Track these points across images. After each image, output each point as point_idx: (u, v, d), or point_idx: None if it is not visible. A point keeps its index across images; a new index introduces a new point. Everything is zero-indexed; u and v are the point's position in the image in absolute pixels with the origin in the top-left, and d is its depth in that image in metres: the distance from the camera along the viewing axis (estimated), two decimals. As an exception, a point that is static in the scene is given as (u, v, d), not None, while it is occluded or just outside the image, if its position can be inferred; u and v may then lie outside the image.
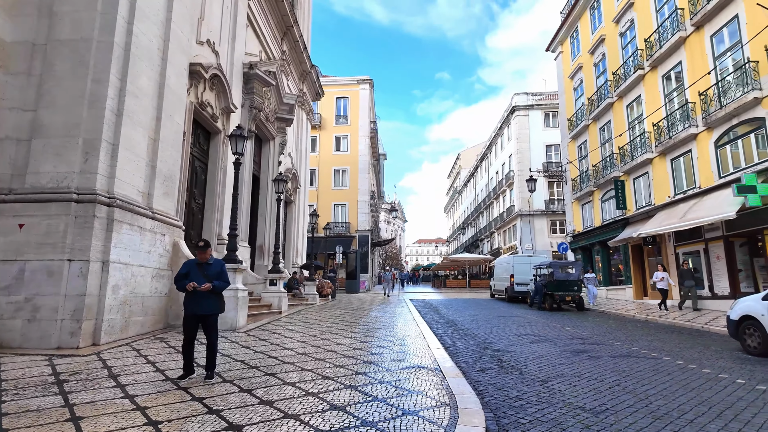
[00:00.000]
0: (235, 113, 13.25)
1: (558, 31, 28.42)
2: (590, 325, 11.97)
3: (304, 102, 23.01)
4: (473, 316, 14.36)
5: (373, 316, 13.10)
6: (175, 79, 9.59)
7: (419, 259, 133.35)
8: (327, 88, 38.03)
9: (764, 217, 12.89)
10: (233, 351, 6.79)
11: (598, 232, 23.25)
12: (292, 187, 20.81)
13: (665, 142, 17.26)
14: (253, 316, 10.28)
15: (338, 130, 37.96)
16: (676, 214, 15.74)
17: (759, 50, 12.91)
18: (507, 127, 42.00)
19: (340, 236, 35.22)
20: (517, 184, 38.04)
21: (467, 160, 67.43)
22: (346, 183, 36.97)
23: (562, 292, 17.45)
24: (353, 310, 15.31)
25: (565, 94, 28.08)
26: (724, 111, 14.07)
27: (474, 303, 20.96)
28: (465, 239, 60.48)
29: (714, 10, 14.81)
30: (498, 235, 44.75)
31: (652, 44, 18.34)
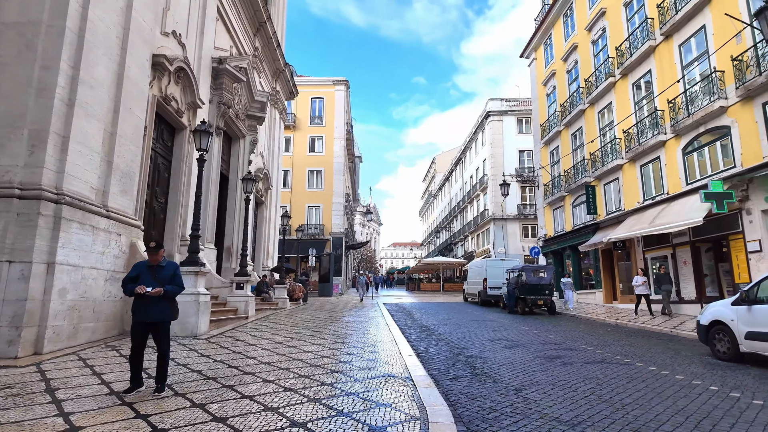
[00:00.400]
0: (203, 109, 12.70)
1: (532, 38, 28.77)
2: (562, 330, 11.94)
3: (277, 101, 22.49)
4: (446, 321, 14.18)
5: (345, 321, 12.74)
6: (136, 71, 9.04)
7: (394, 262, 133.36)
8: (302, 89, 37.50)
9: (729, 224, 13.20)
10: (191, 360, 6.34)
11: (569, 237, 23.53)
12: (264, 187, 20.25)
13: (635, 149, 17.56)
14: (217, 321, 9.77)
15: (313, 131, 37.45)
16: (645, 219, 15.99)
17: (725, 60, 13.24)
18: (481, 132, 42.35)
19: (313, 239, 34.67)
20: (491, 189, 38.33)
21: (442, 164, 67.79)
22: (320, 185, 36.47)
23: (534, 295, 17.51)
24: (325, 314, 14.91)
25: (539, 100, 28.43)
26: (691, 119, 14.37)
27: (447, 307, 20.84)
28: (439, 243, 60.70)
29: (682, 20, 15.15)
30: (471, 239, 45.02)
31: (623, 52, 18.68)
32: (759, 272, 12.16)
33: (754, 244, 12.30)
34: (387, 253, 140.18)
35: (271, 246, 21.29)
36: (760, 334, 6.76)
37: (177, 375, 5.41)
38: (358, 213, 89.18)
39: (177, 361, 6.21)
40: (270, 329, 9.97)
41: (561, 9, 24.93)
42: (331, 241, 34.63)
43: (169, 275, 4.87)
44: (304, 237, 34.64)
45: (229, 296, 11.75)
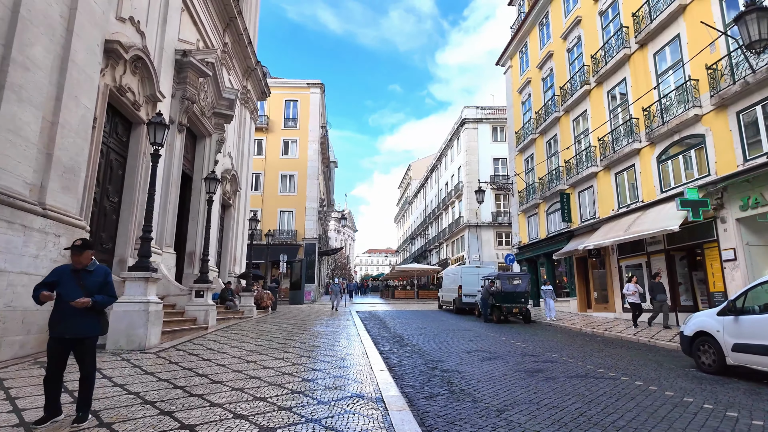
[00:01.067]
0: (163, 103, 11.85)
1: (508, 46, 28.84)
2: (540, 340, 11.54)
3: (248, 100, 21.66)
4: (421, 330, 13.62)
5: (314, 331, 12.01)
6: (85, 55, 8.20)
7: (368, 269, 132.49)
8: (276, 90, 36.65)
9: (704, 232, 13.16)
10: (131, 379, 5.54)
11: (544, 244, 23.44)
12: (232, 189, 19.34)
13: (610, 157, 17.54)
14: (171, 333, 8.92)
15: (287, 134, 36.58)
16: (620, 227, 15.90)
17: (700, 69, 13.26)
18: (457, 139, 42.34)
19: (285, 244, 33.68)
20: (466, 196, 38.24)
21: (418, 170, 67.71)
22: (293, 189, 35.56)
23: (509, 303, 17.16)
24: (293, 324, 14.13)
25: (514, 108, 28.46)
26: (666, 127, 14.36)
27: (422, 315, 20.31)
28: (414, 249, 60.37)
29: (657, 29, 15.21)
30: (446, 246, 44.81)
31: (598, 60, 18.73)
32: (734, 281, 12.11)
33: (728, 252, 12.25)
34: (362, 260, 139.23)
35: (239, 251, 20.33)
36: (749, 346, 6.45)
37: (109, 398, 4.63)
38: (333, 219, 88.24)
39: (114, 380, 5.41)
40: (230, 341, 9.17)
41: (537, 17, 25.03)
42: (304, 247, 33.72)
43: (99, 282, 4.11)
44: (276, 242, 33.61)
45: (188, 305, 10.87)
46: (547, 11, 24.00)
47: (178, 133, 13.14)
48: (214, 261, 16.85)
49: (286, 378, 5.85)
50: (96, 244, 9.80)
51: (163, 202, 12.34)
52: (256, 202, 34.60)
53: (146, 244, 8.04)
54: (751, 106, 11.75)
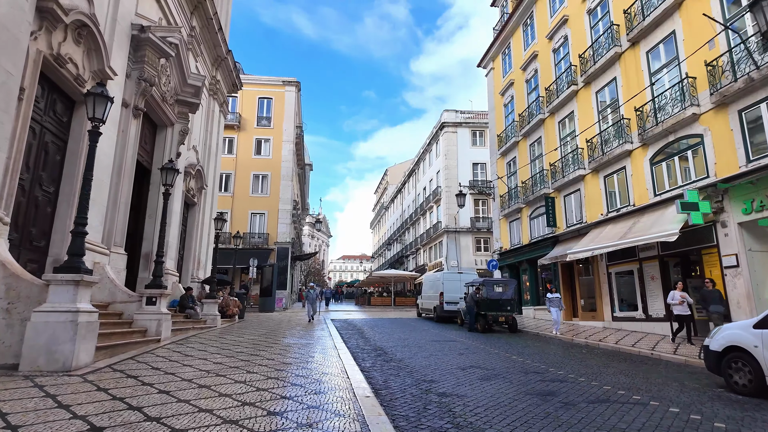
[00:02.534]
0: (115, 81, 10.34)
1: (490, 48, 28.23)
2: (535, 353, 10.52)
3: (217, 92, 20.13)
4: (404, 341, 12.42)
5: (285, 343, 10.64)
6: (7, 9, 6.73)
7: (343, 275, 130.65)
8: (249, 87, 35.09)
9: (702, 237, 12.48)
10: (33, 416, 4.12)
11: (527, 250, 22.68)
12: (196, 186, 17.75)
13: (598, 159, 16.87)
14: (110, 348, 7.41)
15: (260, 133, 34.94)
16: (612, 232, 15.17)
17: (697, 66, 12.66)
18: (436, 143, 41.58)
19: (256, 248, 31.97)
20: (445, 201, 37.42)
21: (395, 175, 66.79)
22: (266, 190, 33.90)
23: (495, 312, 16.20)
24: (262, 335, 12.70)
25: (496, 110, 27.80)
26: (661, 127, 13.72)
27: (402, 323, 19.11)
28: (390, 255, 59.23)
29: (650, 26, 14.63)
30: (424, 252, 43.84)
31: (587, 60, 18.13)
32: (735, 289, 11.43)
33: (730, 258, 11.57)
34: (336, 266, 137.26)
35: (204, 254, 18.68)
36: (797, 364, 5.52)
37: (-14, 452, 3.24)
38: (307, 224, 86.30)
39: (9, 418, 3.99)
40: (184, 357, 7.74)
41: (521, 18, 24.46)
42: (276, 251, 32.06)
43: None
44: (246, 246, 31.89)
45: (138, 313, 9.34)
46: (532, 11, 23.44)
47: (133, 118, 11.61)
48: (174, 264, 15.24)
49: (247, 410, 4.54)
50: (24, 241, 8.23)
51: (113, 194, 10.79)
52: (225, 203, 32.80)
53: (79, 240, 6.58)
54: (755, 104, 11.14)
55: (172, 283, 14.54)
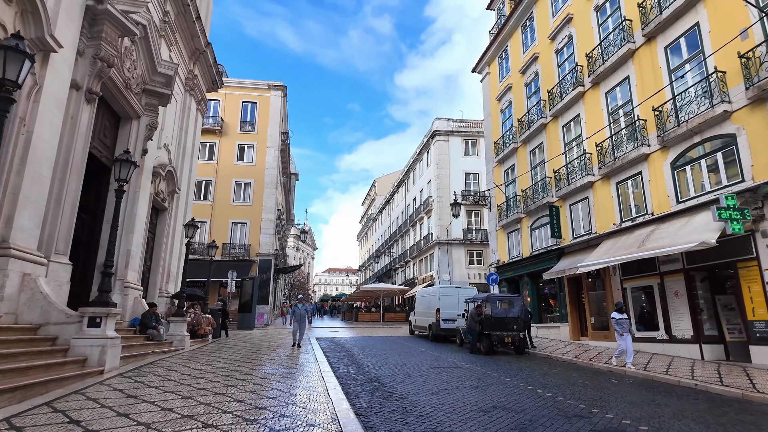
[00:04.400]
0: (62, 57, 8.61)
1: (486, 51, 27.09)
2: (559, 383, 8.89)
3: (195, 87, 18.41)
4: (402, 368, 10.69)
5: (261, 374, 8.83)
6: None
7: (328, 288, 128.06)
8: (232, 91, 33.54)
9: (736, 248, 11.09)
10: None
11: (527, 263, 21.19)
12: (168, 189, 15.90)
13: (610, 164, 15.55)
14: (23, 390, 5.54)
15: (243, 138, 33.18)
16: (629, 242, 13.75)
17: (727, 59, 11.43)
18: (427, 152, 40.27)
19: (237, 260, 29.97)
20: (436, 211, 35.97)
21: (383, 186, 65.32)
22: (248, 198, 32.02)
23: (500, 331, 14.56)
24: (235, 360, 10.85)
25: (492, 117, 26.54)
26: (685, 127, 12.42)
27: (395, 344, 17.34)
28: (378, 268, 57.40)
29: (670, 19, 13.45)
30: (414, 265, 42.17)
31: (594, 59, 16.93)
32: (782, 307, 10.02)
33: (774, 272, 10.18)
34: (321, 279, 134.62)
35: (174, 265, 16.73)
36: None
37: None
38: (292, 236, 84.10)
39: None
40: (125, 400, 5.91)
41: (520, 19, 23.36)
42: (258, 264, 30.07)
43: None
44: (226, 258, 29.91)
45: (76, 338, 7.47)
46: (532, 12, 22.36)
47: (86, 104, 9.84)
48: (137, 276, 13.32)
49: None
50: None
51: (56, 192, 8.96)
52: (204, 211, 30.85)
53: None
54: (801, 97, 9.88)
55: (134, 298, 12.65)
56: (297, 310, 14.69)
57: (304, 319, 14.61)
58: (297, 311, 14.67)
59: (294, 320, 14.59)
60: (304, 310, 14.73)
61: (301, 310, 14.67)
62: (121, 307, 11.92)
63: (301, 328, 14.48)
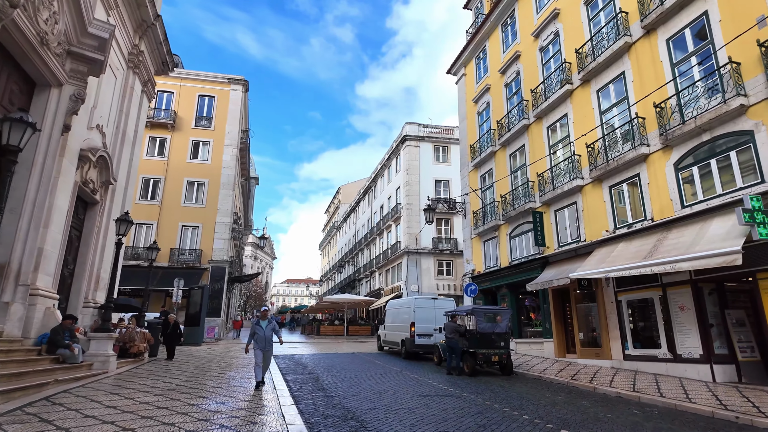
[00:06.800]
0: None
1: (462, 52, 25.92)
2: (579, 418, 7.20)
3: (140, 66, 15.93)
4: (381, 396, 8.73)
5: (201, 413, 6.65)
6: None
7: (287, 300, 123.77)
8: (188, 83, 30.90)
9: (755, 257, 9.90)
10: None
11: (506, 273, 19.77)
12: (100, 180, 13.35)
13: (603, 166, 14.37)
14: None
15: (198, 134, 30.45)
16: (628, 251, 12.47)
17: (742, 50, 10.39)
18: (396, 157, 38.74)
19: (186, 267, 27.08)
20: (405, 219, 34.35)
21: (348, 194, 63.28)
22: (202, 200, 29.23)
23: (487, 349, 12.91)
24: (170, 391, 8.56)
25: (468, 119, 25.28)
26: (693, 124, 11.31)
27: (364, 362, 15.32)
28: (341, 278, 55.05)
29: (673, 9, 12.44)
30: (380, 275, 40.25)
31: (585, 55, 15.86)
32: (814, 324, 8.83)
33: (803, 284, 9.02)
34: (280, 290, 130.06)
35: (106, 270, 14.06)
36: None
37: None
38: (250, 243, 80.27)
39: None
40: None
41: (500, 16, 22.29)
42: (210, 271, 27.27)
43: None
44: (174, 264, 26.98)
45: None
46: (514, 9, 21.31)
47: (-25, 53, 7.46)
48: (52, 282, 10.72)
49: None
50: None
51: None
52: (151, 213, 27.86)
53: None
54: (834, 88, 8.85)
55: (44, 309, 10.09)
56: (259, 331, 9.37)
57: (270, 344, 9.52)
58: (259, 332, 9.36)
59: (255, 346, 9.33)
60: (270, 330, 9.52)
61: (265, 330, 9.42)
62: (25, 319, 9.42)
63: (266, 356, 9.46)
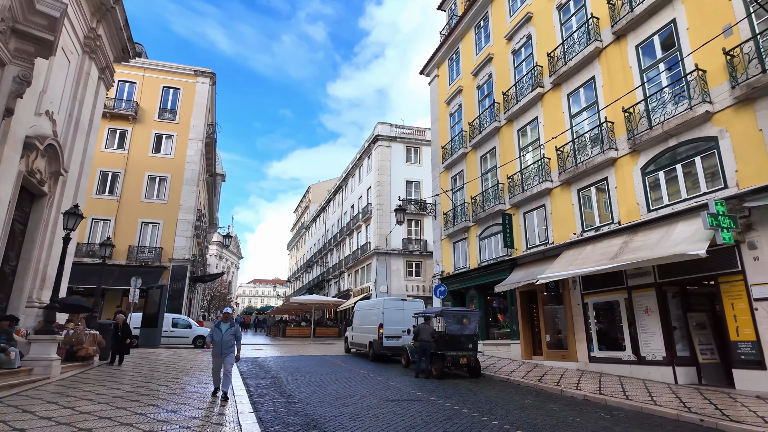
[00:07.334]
0: None
1: (435, 53, 25.85)
2: (549, 423, 7.05)
3: (97, 51, 14.99)
4: (347, 402, 8.36)
5: (149, 422, 6.11)
6: None
7: (253, 300, 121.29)
8: (152, 73, 29.68)
9: (717, 261, 10.08)
10: None
11: (475, 275, 19.75)
12: (48, 170, 12.42)
13: (571, 170, 14.48)
14: None
15: (161, 127, 29.22)
16: (596, 253, 12.55)
17: (710, 57, 10.60)
18: (368, 157, 38.41)
19: (145, 265, 25.88)
20: (376, 219, 34.06)
21: (318, 194, 62.45)
22: (164, 195, 28.03)
23: (455, 351, 12.74)
24: (117, 398, 7.92)
25: (440, 121, 25.22)
26: (660, 129, 11.48)
27: (331, 365, 14.89)
28: (309, 279, 54.23)
29: (642, 15, 12.62)
30: (349, 275, 39.78)
31: (557, 59, 15.98)
32: (772, 327, 9.04)
33: (763, 288, 9.22)
34: (246, 290, 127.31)
35: (54, 267, 13.08)
36: None
37: None
38: (215, 242, 78.15)
39: None
40: None
41: (474, 19, 22.32)
42: (171, 270, 26.15)
43: None
44: (133, 262, 25.75)
45: None
46: (487, 11, 21.36)
47: None
48: None
49: None
50: None
51: None
52: (109, 208, 26.52)
53: None
54: (795, 97, 9.10)
55: (-21, 309, 9.21)
56: (216, 335, 8.24)
57: (230, 349, 8.23)
58: (216, 336, 8.24)
59: (212, 352, 8.39)
60: (230, 335, 8.25)
61: (224, 334, 8.22)
62: (-47, 321, 8.55)
63: (227, 362, 8.18)
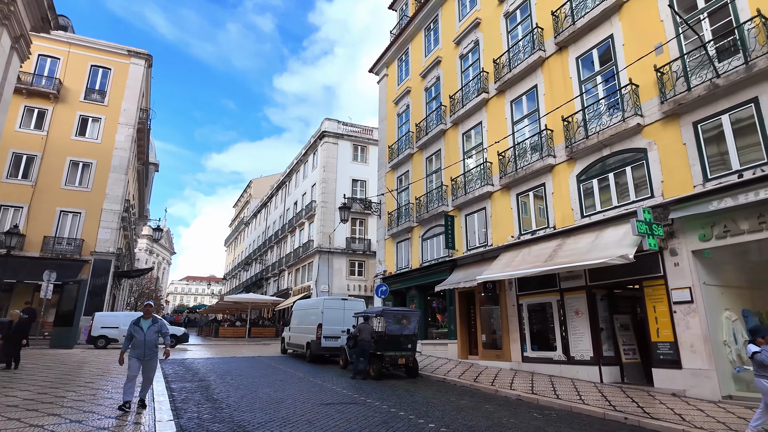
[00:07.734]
0: None
1: (385, 52, 25.76)
2: (484, 424, 7.02)
3: (11, 17, 13.33)
4: (279, 406, 7.90)
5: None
6: None
7: (186, 298, 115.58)
8: (79, 50, 27.38)
9: (641, 266, 10.64)
10: None
11: (417, 275, 19.82)
12: (-59, 145, 10.83)
13: (511, 175, 14.84)
14: None
15: (87, 109, 26.85)
16: (531, 256, 12.90)
17: (642, 73, 11.20)
18: (314, 153, 37.64)
19: (63, 258, 23.64)
20: (319, 217, 33.42)
21: (260, 189, 60.51)
22: (87, 183, 25.74)
23: (394, 352, 12.62)
24: (12, 407, 6.98)
25: (387, 120, 25.14)
26: (596, 139, 11.99)
27: (266, 367, 14.24)
28: (247, 277, 52.34)
29: (583, 29, 13.13)
30: (289, 274, 38.75)
31: (502, 66, 16.34)
32: (689, 329, 9.64)
33: (682, 292, 9.82)
34: (178, 287, 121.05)
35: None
36: None
37: None
38: (145, 236, 73.64)
39: None
40: None
41: (424, 20, 22.43)
42: (92, 264, 24.04)
43: None
44: (48, 254, 23.42)
45: None
46: (437, 14, 21.53)
47: None
48: None
49: None
50: None
51: None
52: (22, 194, 24.03)
53: None
54: (715, 115, 9.76)
55: None
56: (137, 334, 7.14)
57: (153, 352, 7.25)
58: (138, 336, 7.13)
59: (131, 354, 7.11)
60: (154, 333, 7.26)
61: (146, 332, 7.19)
62: None
63: (147, 368, 7.25)
